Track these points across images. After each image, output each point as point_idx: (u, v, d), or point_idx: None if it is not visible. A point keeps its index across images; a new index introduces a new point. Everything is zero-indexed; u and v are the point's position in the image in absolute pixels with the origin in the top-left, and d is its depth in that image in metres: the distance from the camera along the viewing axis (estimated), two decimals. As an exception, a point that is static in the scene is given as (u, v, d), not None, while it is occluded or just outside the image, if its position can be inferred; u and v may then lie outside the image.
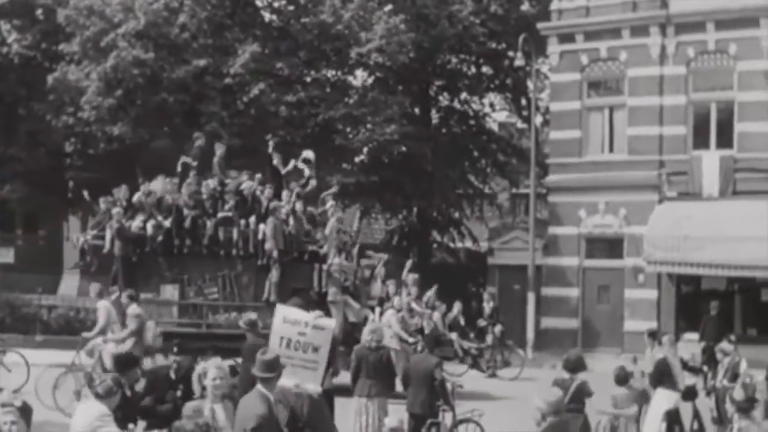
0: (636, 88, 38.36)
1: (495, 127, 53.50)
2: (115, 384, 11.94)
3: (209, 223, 27.13)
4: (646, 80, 38.02)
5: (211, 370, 11.68)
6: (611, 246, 38.78)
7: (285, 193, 28.08)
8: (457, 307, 32.36)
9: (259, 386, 10.91)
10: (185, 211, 27.26)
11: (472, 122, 50.38)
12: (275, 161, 29.67)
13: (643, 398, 19.27)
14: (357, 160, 44.33)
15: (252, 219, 27.20)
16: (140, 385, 16.62)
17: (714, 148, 36.92)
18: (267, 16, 43.74)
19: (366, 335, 16.17)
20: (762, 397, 19.59)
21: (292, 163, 30.00)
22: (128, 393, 14.99)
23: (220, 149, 29.74)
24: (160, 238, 27.06)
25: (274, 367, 10.95)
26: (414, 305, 28.19)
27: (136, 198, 27.73)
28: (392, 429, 12.42)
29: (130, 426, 13.53)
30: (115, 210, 27.21)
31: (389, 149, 42.12)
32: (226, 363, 13.27)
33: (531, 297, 39.84)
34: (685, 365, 21.63)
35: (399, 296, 28.07)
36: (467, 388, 20.05)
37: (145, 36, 38.37)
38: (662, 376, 18.25)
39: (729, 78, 37.06)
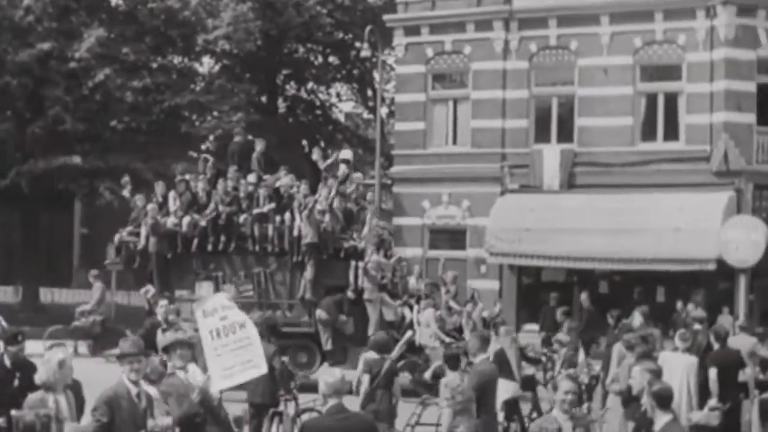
0: (479, 82, 38.83)
1: (341, 118, 53.76)
2: None
3: (245, 220, 26.80)
4: (490, 74, 38.53)
5: (55, 359, 11.57)
6: (454, 237, 39.20)
7: (323, 190, 27.45)
8: (499, 305, 31.68)
9: (122, 373, 11.03)
10: (220, 208, 26.94)
11: (318, 112, 50.62)
12: (315, 156, 29.37)
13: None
14: (203, 147, 44.03)
15: (287, 215, 26.79)
16: None
17: (555, 141, 37.63)
18: (113, 0, 43.19)
19: None
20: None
21: (332, 159, 29.77)
22: None
23: (260, 145, 29.55)
24: (195, 235, 26.82)
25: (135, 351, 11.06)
26: (452, 303, 27.96)
27: (170, 196, 27.48)
28: (235, 418, 12.47)
29: None
30: (150, 206, 27.08)
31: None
32: (67, 350, 13.10)
33: (375, 287, 40.07)
34: (524, 355, 22.10)
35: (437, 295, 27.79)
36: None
37: (-13, 18, 37.67)
38: (500, 366, 18.57)
39: (570, 73, 37.84)
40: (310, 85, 50.74)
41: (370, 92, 49.54)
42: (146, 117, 39.35)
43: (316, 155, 29.51)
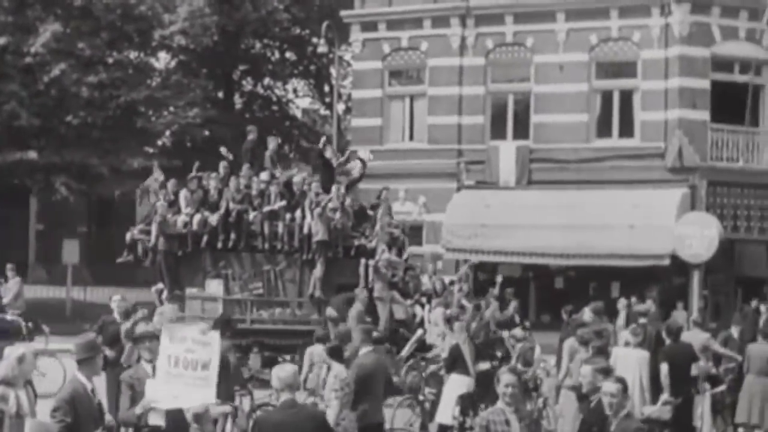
0: (436, 78, 38.96)
1: (298, 113, 53.67)
2: None
3: (255, 218, 26.58)
4: (446, 70, 38.67)
5: (14, 355, 11.52)
6: (411, 233, 39.15)
7: (334, 187, 27.16)
8: (513, 304, 31.27)
9: (76, 370, 10.99)
10: (231, 206, 26.68)
11: (275, 108, 50.57)
12: (327, 154, 29.01)
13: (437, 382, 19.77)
14: (159, 143, 43.89)
15: (298, 213, 26.55)
16: None
17: (511, 138, 37.82)
18: (69, -5, 42.93)
19: None
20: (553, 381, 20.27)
21: (345, 156, 29.75)
22: None
23: (273, 143, 29.33)
24: (205, 232, 26.60)
25: (89, 349, 11.00)
26: (464, 302, 27.34)
27: (182, 194, 27.23)
28: (195, 414, 12.43)
29: None
30: (159, 204, 26.76)
31: (192, 133, 41.83)
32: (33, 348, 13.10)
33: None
34: (479, 350, 22.17)
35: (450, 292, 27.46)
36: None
37: (-60, 12, 37.34)
38: (455, 361, 18.68)
39: (526, 70, 38.04)
40: (266, 80, 50.66)
41: (326, 88, 49.51)
42: (102, 112, 39.08)
43: (329, 153, 29.31)
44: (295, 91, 51.94)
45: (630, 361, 17.52)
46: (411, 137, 39.68)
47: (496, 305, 27.83)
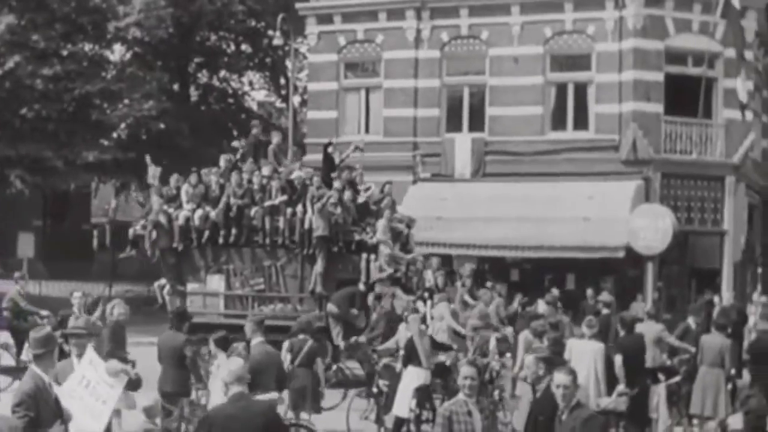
0: (392, 71, 39.03)
1: (254, 106, 53.56)
2: None
3: (256, 213, 26.35)
4: (402, 63, 38.74)
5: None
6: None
7: (335, 182, 27.00)
8: (517, 299, 30.96)
9: (32, 364, 10.94)
10: (232, 201, 26.46)
11: (231, 100, 50.42)
12: (329, 149, 28.83)
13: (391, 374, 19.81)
14: (114, 135, 43.65)
15: (299, 208, 26.27)
16: None
17: (466, 130, 37.95)
18: (23, -14, 42.69)
19: None
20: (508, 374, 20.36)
21: (348, 151, 29.58)
22: None
23: (276, 137, 29.08)
24: (206, 228, 26.39)
25: (46, 343, 10.97)
26: (467, 297, 27.06)
27: (183, 188, 26.99)
28: (145, 408, 12.45)
29: None
30: (155, 199, 26.61)
31: (147, 125, 41.71)
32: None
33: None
34: (435, 343, 22.24)
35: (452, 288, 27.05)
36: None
37: None
38: (410, 354, 18.73)
39: (481, 63, 38.17)
40: (222, 73, 50.55)
41: (282, 81, 49.48)
42: (57, 105, 38.93)
43: (331, 148, 29.24)
44: (250, 83, 51.89)
45: (585, 352, 17.63)
46: (367, 130, 39.67)
47: (500, 301, 27.23)
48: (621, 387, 17.59)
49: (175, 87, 48.04)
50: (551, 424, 10.79)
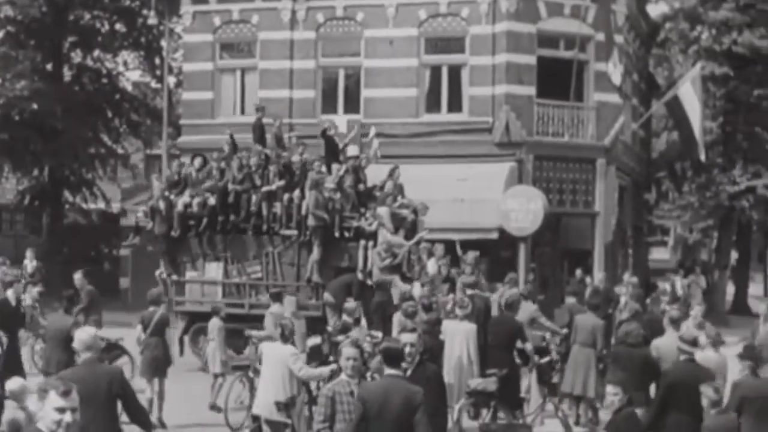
0: (267, 52, 38.92)
1: (129, 87, 52.90)
2: None
3: (254, 198, 25.82)
4: (277, 44, 38.64)
5: None
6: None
7: (334, 167, 26.56)
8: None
9: None
10: (230, 186, 25.98)
11: (105, 80, 49.70)
12: (329, 132, 28.59)
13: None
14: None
15: (296, 194, 25.75)
16: None
17: (342, 112, 37.97)
18: None
19: None
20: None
21: (352, 134, 29.46)
22: None
23: (279, 120, 28.96)
24: (204, 214, 26.00)
25: None
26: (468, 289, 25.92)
27: (183, 171, 26.80)
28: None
29: None
30: (156, 185, 26.53)
31: (19, 106, 41.05)
32: None
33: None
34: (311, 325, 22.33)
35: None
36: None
37: None
38: (286, 337, 18.75)
39: (356, 44, 38.23)
40: (96, 53, 49.80)
41: (157, 61, 48.91)
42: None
43: (333, 131, 28.88)
44: (125, 63, 51.18)
45: (458, 332, 17.85)
46: (243, 111, 39.47)
47: (505, 289, 24.46)
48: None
49: (48, 67, 47.26)
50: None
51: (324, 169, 26.45)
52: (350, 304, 22.56)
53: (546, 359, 20.21)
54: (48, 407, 7.57)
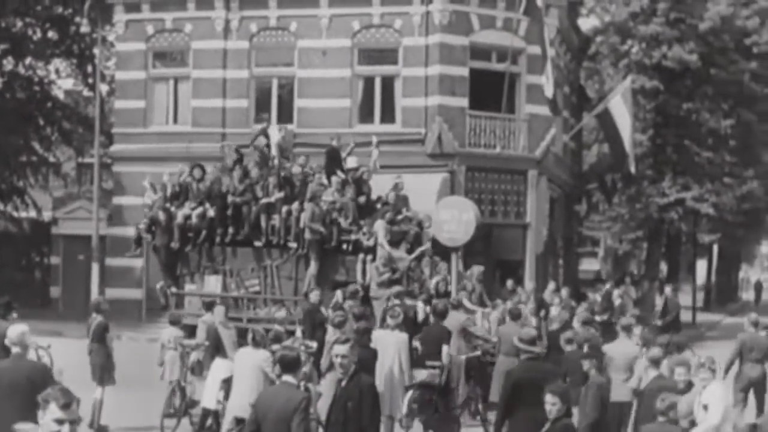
0: (200, 61, 38.94)
1: (61, 95, 52.51)
2: None
3: (253, 210, 25.48)
4: (211, 53, 38.68)
5: None
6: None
7: (334, 179, 26.26)
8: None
9: None
10: (229, 198, 25.63)
11: (37, 88, 49.29)
12: (333, 141, 28.46)
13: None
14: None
15: (295, 206, 25.38)
16: None
17: (275, 122, 37.91)
18: None
19: None
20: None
21: (351, 145, 29.29)
22: None
23: (282, 132, 28.61)
24: (203, 227, 25.74)
25: None
26: (465, 302, 24.59)
27: (182, 180, 26.55)
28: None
29: None
30: (151, 195, 26.44)
31: (-52, 114, 40.65)
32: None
33: (95, 267, 39.64)
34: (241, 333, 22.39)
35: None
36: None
37: None
38: (217, 345, 18.85)
39: (290, 54, 38.35)
40: (28, 60, 49.41)
41: (90, 69, 48.60)
42: None
43: (335, 141, 28.70)
44: (57, 71, 50.81)
45: (390, 344, 17.98)
46: (175, 120, 39.51)
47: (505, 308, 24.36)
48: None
49: (-21, 74, 46.91)
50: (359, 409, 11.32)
51: (325, 180, 26.48)
52: (279, 313, 22.74)
53: (474, 353, 20.65)
54: (48, 418, 7.64)
